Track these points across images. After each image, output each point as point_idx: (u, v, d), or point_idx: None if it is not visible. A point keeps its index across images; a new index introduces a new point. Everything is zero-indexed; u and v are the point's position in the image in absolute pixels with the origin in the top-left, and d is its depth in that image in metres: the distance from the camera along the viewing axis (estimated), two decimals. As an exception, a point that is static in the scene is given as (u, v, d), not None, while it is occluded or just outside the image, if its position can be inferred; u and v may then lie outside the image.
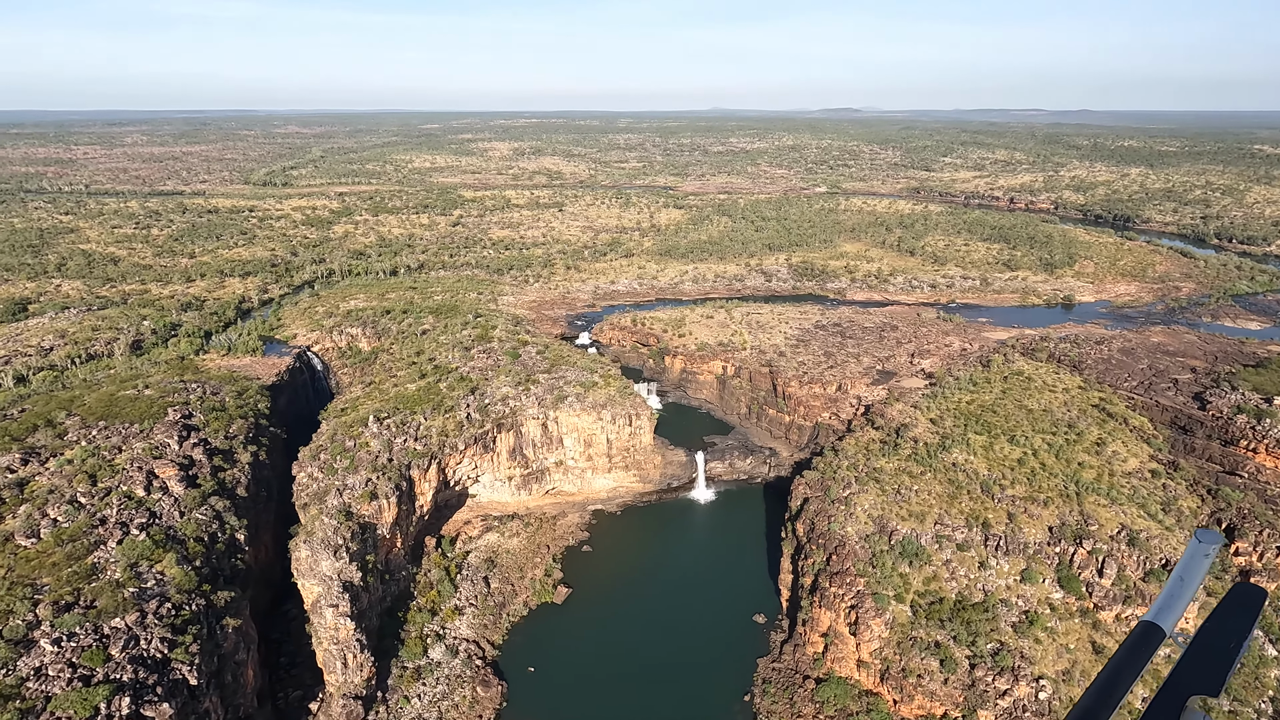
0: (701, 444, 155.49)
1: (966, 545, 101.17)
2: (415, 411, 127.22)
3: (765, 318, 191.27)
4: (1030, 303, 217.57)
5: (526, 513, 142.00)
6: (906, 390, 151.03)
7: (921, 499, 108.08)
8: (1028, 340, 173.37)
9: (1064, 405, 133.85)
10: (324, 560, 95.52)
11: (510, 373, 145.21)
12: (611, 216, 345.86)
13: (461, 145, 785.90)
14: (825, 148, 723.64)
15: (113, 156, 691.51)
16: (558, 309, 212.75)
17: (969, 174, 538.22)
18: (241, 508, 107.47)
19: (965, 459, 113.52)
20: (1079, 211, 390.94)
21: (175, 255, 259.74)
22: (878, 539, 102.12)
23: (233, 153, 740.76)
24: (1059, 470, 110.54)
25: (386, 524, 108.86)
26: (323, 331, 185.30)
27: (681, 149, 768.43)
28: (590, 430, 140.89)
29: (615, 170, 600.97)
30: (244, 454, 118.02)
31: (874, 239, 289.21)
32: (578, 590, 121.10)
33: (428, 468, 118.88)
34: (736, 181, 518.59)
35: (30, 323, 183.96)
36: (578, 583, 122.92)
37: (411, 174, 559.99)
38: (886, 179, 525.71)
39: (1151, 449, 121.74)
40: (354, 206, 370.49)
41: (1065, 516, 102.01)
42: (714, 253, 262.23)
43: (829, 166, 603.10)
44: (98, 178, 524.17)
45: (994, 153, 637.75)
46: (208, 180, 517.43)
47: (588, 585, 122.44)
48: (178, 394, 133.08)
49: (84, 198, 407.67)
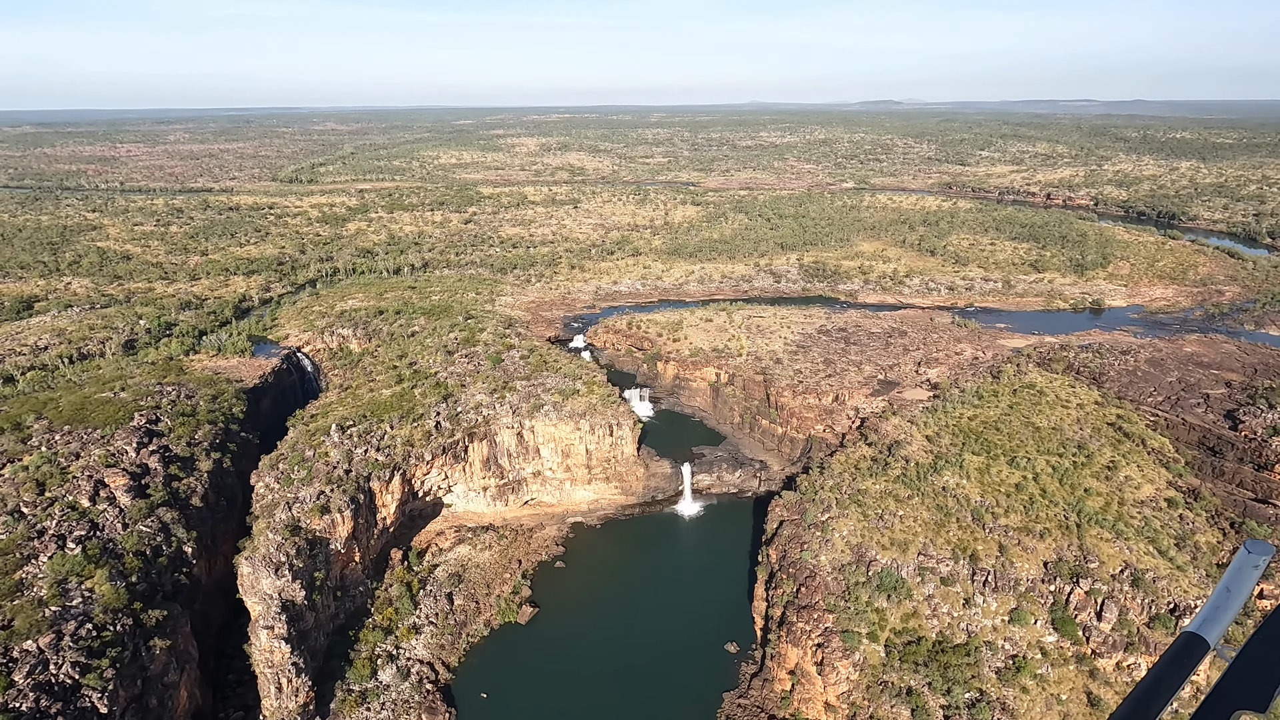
0: (690, 454, 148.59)
1: (951, 579, 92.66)
2: (382, 419, 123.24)
3: (767, 321, 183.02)
4: (1055, 307, 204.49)
5: (503, 524, 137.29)
6: (907, 402, 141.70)
7: (906, 526, 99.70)
8: (1046, 349, 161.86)
9: (1076, 423, 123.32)
10: (264, 578, 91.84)
11: (488, 379, 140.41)
12: (626, 214, 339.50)
13: (490, 141, 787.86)
14: (857, 141, 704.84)
15: (153, 154, 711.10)
16: (556, 310, 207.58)
17: (1006, 168, 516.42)
18: (194, 518, 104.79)
19: (957, 483, 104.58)
20: (1120, 208, 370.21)
21: (188, 253, 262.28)
22: (854, 569, 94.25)
23: (267, 150, 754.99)
24: (1061, 498, 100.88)
25: (341, 538, 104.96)
26: (314, 332, 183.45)
27: (710, 144, 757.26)
28: (568, 440, 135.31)
29: (640, 166, 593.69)
30: (206, 461, 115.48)
31: (894, 237, 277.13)
32: (544, 610, 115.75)
33: (390, 479, 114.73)
34: (761, 177, 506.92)
35: (32, 321, 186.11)
36: (546, 601, 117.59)
37: (435, 170, 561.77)
38: (918, 174, 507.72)
39: (1170, 474, 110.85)
40: (371, 203, 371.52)
41: (1063, 551, 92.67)
42: (723, 252, 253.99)
43: (859, 161, 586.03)
44: (134, 175, 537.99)
45: (1034, 146, 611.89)
46: (237, 177, 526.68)
47: (555, 605, 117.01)
48: (151, 397, 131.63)
49: (114, 195, 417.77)
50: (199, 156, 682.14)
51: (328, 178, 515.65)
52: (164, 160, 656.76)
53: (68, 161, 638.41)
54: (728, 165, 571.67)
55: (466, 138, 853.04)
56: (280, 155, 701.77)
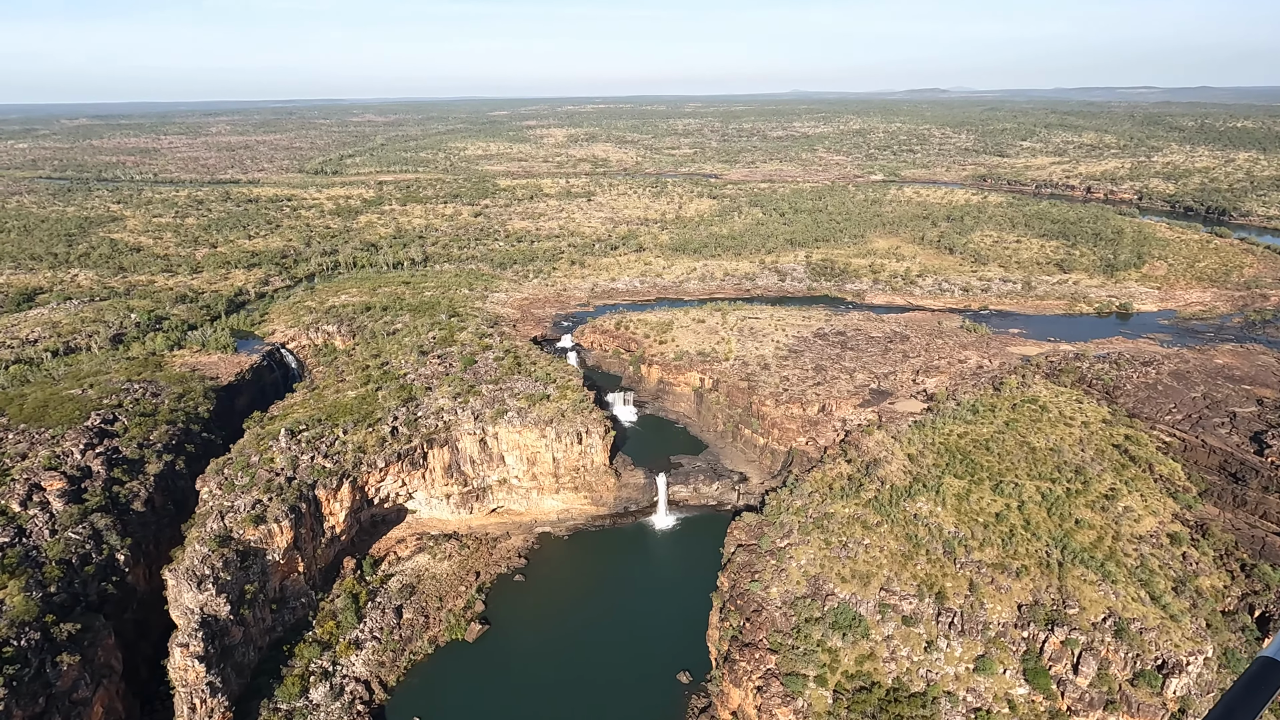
0: (667, 464, 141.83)
1: (914, 619, 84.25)
2: (337, 424, 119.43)
3: (761, 323, 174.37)
4: (1078, 311, 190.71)
5: (468, 532, 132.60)
6: (898, 415, 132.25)
7: (871, 557, 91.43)
8: (1058, 358, 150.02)
9: (1078, 444, 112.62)
10: (185, 593, 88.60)
11: (455, 382, 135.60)
12: (638, 207, 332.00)
13: (519, 132, 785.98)
14: (893, 132, 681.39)
15: (193, 146, 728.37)
16: (548, 308, 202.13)
17: (1046, 160, 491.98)
18: (134, 524, 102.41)
19: (930, 510, 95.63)
20: (1166, 203, 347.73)
21: (198, 245, 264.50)
22: (808, 603, 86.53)
23: (302, 141, 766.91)
24: (1045, 530, 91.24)
25: (279, 549, 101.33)
26: (301, 328, 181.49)
27: (741, 134, 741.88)
28: (534, 448, 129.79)
29: (665, 157, 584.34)
30: (156, 464, 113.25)
31: (913, 234, 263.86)
32: (495, 627, 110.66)
33: (337, 487, 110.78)
34: (787, 169, 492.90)
35: (30, 313, 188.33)
36: (498, 618, 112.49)
37: (459, 162, 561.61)
38: (951, 165, 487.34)
39: (1178, 505, 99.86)
40: (387, 195, 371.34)
41: (1040, 592, 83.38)
42: (730, 248, 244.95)
43: (892, 152, 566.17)
44: (169, 167, 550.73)
45: (1080, 136, 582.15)
46: (266, 169, 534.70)
47: (507, 622, 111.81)
48: (116, 395, 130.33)
49: (143, 187, 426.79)
50: (235, 149, 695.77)
51: (352, 169, 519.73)
52: (201, 152, 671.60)
53: (111, 153, 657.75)
54: (754, 157, 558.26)
55: (497, 129, 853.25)
56: (313, 147, 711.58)
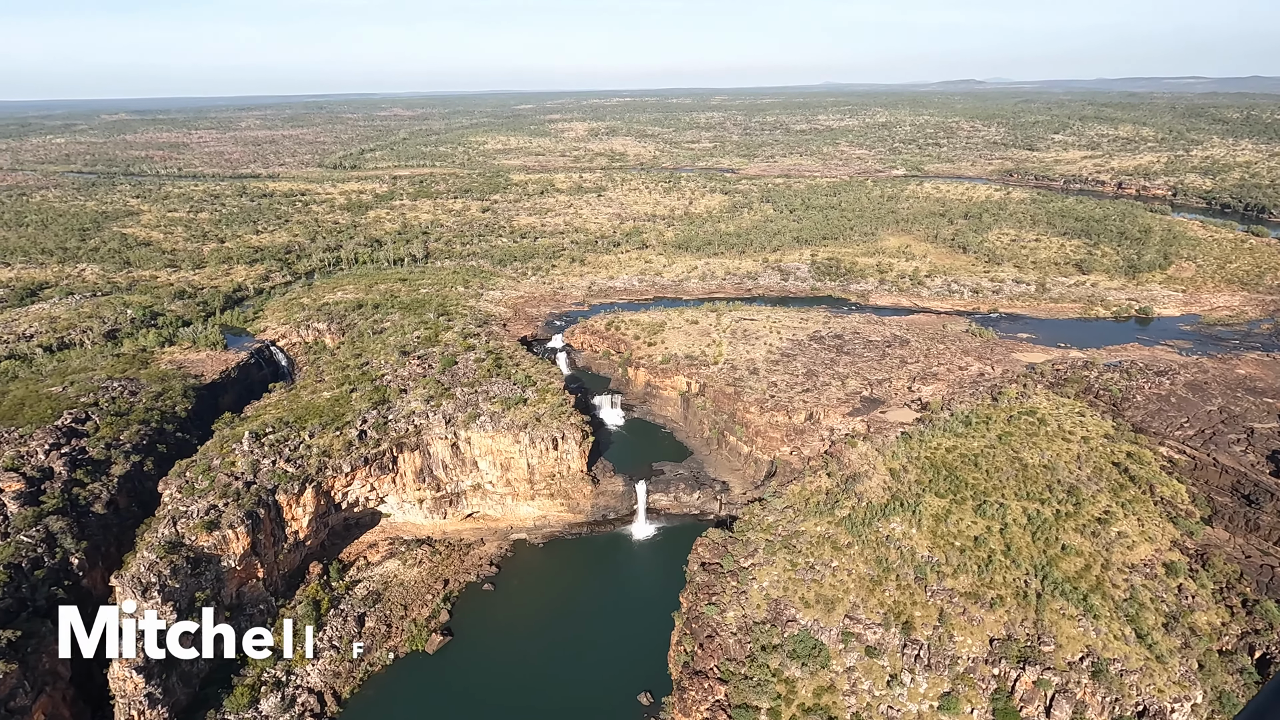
0: (649, 470, 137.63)
1: (879, 650, 78.97)
2: (303, 427, 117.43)
3: (757, 325, 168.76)
4: (1094, 315, 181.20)
5: (443, 537, 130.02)
6: (888, 425, 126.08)
7: (838, 580, 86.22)
8: (1065, 366, 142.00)
9: (1074, 461, 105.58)
10: (128, 600, 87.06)
11: (430, 384, 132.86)
12: (647, 203, 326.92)
13: (540, 126, 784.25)
14: (920, 125, 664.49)
15: (221, 141, 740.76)
16: (543, 306, 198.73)
17: (1078, 154, 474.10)
18: (93, 527, 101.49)
19: (905, 531, 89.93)
20: (1202, 199, 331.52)
21: (206, 240, 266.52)
22: (767, 629, 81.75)
23: (327, 136, 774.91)
24: (1026, 557, 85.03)
25: (235, 555, 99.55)
26: (292, 325, 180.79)
27: (764, 128, 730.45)
28: (508, 453, 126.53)
29: (684, 151, 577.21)
30: (122, 465, 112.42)
31: (926, 231, 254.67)
32: (458, 638, 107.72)
33: (299, 492, 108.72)
34: (806, 163, 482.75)
35: (33, 308, 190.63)
36: (462, 629, 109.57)
37: (478, 156, 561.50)
38: (978, 160, 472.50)
39: (1178, 530, 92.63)
40: (400, 190, 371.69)
41: (1015, 626, 77.43)
42: (734, 246, 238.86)
43: (917, 146, 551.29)
44: (194, 162, 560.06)
45: (1117, 129, 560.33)
46: (288, 163, 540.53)
47: (471, 634, 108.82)
48: (94, 393, 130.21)
49: (165, 181, 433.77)
50: (261, 143, 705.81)
51: (370, 164, 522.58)
52: (228, 147, 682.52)
53: (142, 148, 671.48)
54: (774, 151, 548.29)
55: (520, 123, 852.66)
56: (336, 141, 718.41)
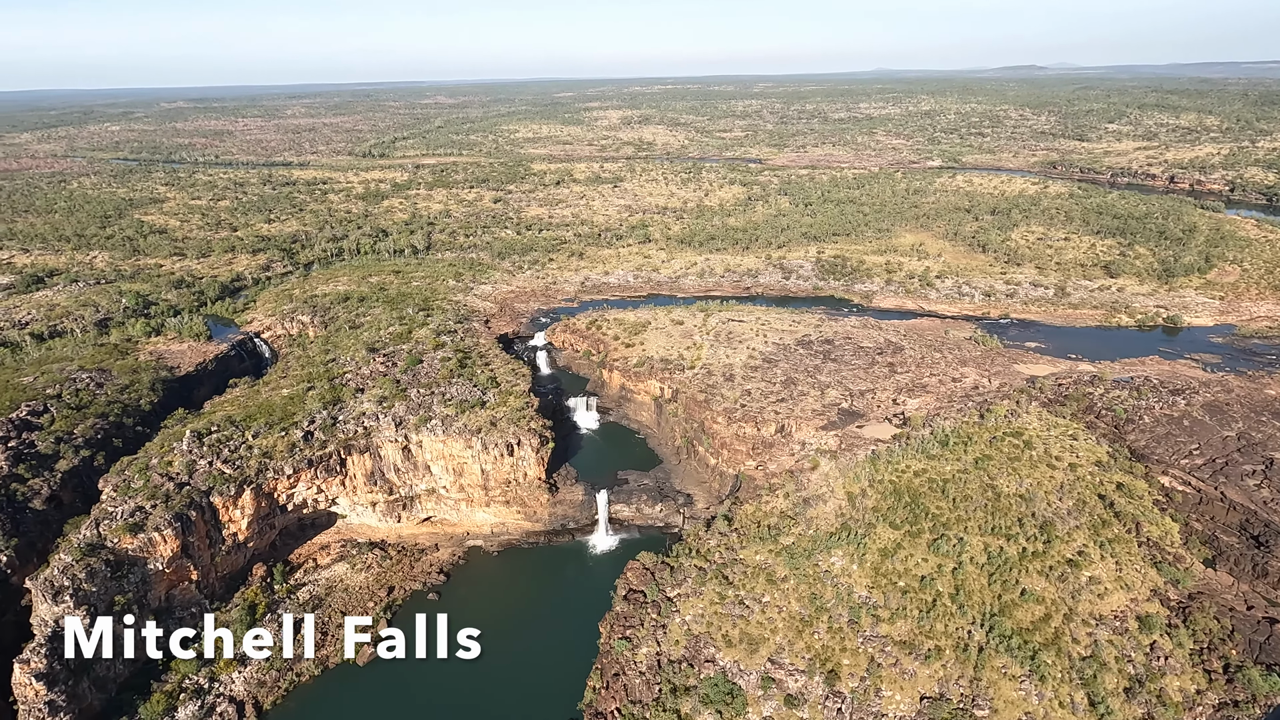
0: (613, 479, 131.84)
1: (799, 699, 71.86)
2: (248, 427, 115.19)
3: (743, 327, 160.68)
4: (1116, 323, 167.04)
5: (397, 541, 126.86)
6: (863, 441, 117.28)
7: (766, 618, 79.19)
8: (1070, 380, 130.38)
9: (1056, 491, 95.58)
10: (40, 604, 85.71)
11: (387, 384, 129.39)
12: (662, 195, 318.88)
13: (575, 114, 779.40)
14: (965, 113, 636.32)
15: (264, 129, 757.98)
16: (531, 302, 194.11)
17: (1131, 145, 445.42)
18: (28, 523, 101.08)
19: (844, 567, 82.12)
20: (1262, 195, 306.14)
21: (219, 228, 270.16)
22: (680, 670, 75.42)
23: (365, 124, 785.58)
24: (977, 603, 76.44)
25: (163, 558, 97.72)
26: (278, 317, 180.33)
27: (801, 116, 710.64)
28: (460, 458, 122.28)
29: (714, 140, 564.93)
30: (69, 460, 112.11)
31: (947, 228, 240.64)
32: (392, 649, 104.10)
33: (236, 494, 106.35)
34: (837, 154, 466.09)
35: (36, 295, 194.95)
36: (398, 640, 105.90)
37: (505, 145, 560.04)
38: (1020, 151, 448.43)
39: (1161, 577, 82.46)
40: (419, 180, 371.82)
41: (949, 683, 69.32)
42: (739, 242, 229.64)
43: (959, 136, 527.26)
44: (232, 149, 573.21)
45: (1178, 118, 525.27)
46: (320, 151, 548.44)
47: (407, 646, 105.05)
48: (60, 384, 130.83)
49: (199, 169, 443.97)
50: (300, 131, 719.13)
51: (399, 152, 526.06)
52: (269, 134, 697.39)
53: (188, 135, 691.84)
54: (806, 140, 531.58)
55: (556, 111, 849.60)
56: (373, 129, 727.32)
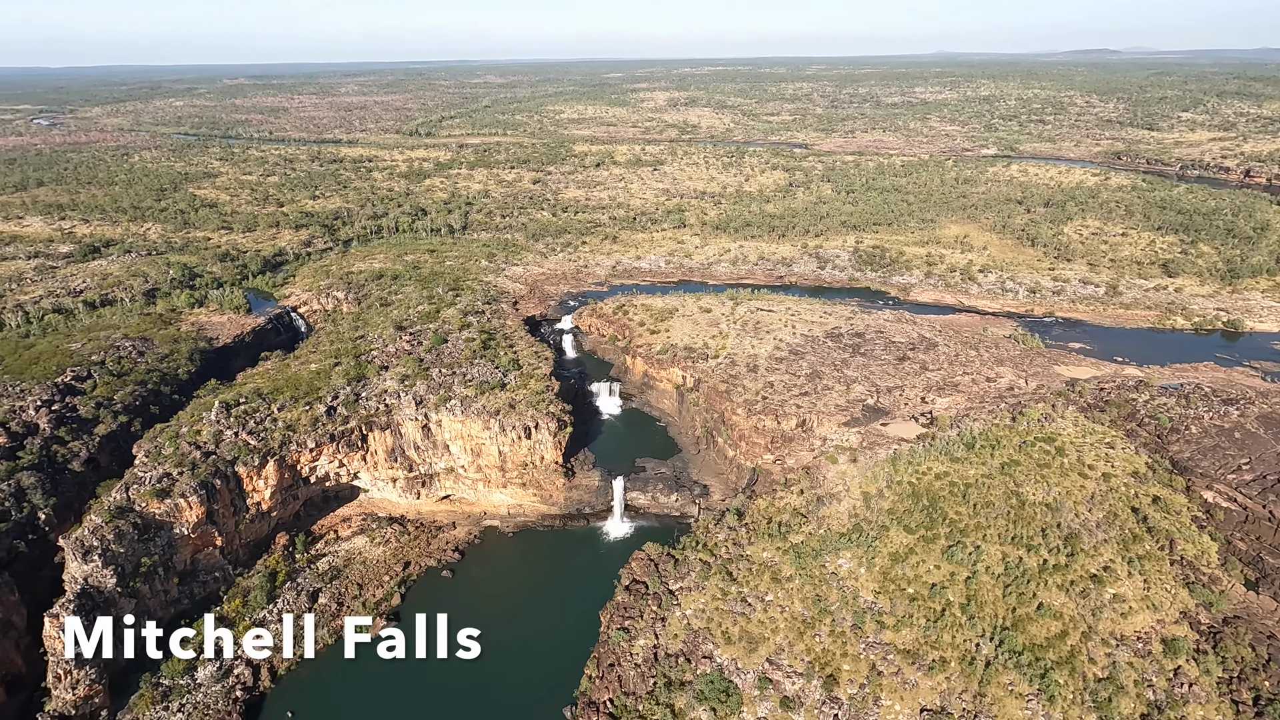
0: (630, 466, 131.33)
1: (795, 702, 70.42)
2: (275, 400, 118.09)
3: (772, 317, 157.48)
4: (1171, 326, 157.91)
5: (416, 517, 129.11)
6: (886, 439, 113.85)
7: (768, 618, 77.69)
8: (1114, 385, 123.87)
9: (1086, 501, 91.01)
10: (71, 562, 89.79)
11: (410, 363, 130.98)
12: (701, 179, 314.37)
13: (621, 96, 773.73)
14: (1027, 99, 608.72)
15: (318, 106, 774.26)
16: (561, 285, 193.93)
17: (1206, 135, 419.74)
18: (67, 484, 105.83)
19: (851, 570, 79.84)
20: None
21: (266, 204, 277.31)
22: (677, 664, 74.69)
23: (415, 102, 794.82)
24: (989, 615, 73.45)
25: (189, 523, 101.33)
26: (315, 293, 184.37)
27: (852, 100, 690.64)
28: (479, 439, 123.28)
29: (761, 123, 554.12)
30: (109, 424, 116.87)
31: (995, 220, 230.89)
32: (403, 625, 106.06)
33: (260, 465, 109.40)
34: (887, 139, 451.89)
35: (93, 264, 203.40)
36: (409, 616, 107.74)
37: (550, 125, 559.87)
38: (1083, 140, 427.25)
39: (1193, 598, 77.83)
40: (461, 159, 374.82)
41: (951, 697, 66.87)
42: (775, 229, 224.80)
43: (1018, 123, 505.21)
44: (285, 126, 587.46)
45: (1260, 106, 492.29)
46: (369, 129, 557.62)
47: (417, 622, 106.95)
48: (104, 351, 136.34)
49: (253, 144, 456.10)
50: (352, 108, 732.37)
51: (445, 131, 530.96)
52: (322, 112, 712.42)
53: (245, 112, 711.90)
54: (855, 125, 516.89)
55: (602, 91, 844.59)
56: (421, 108, 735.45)
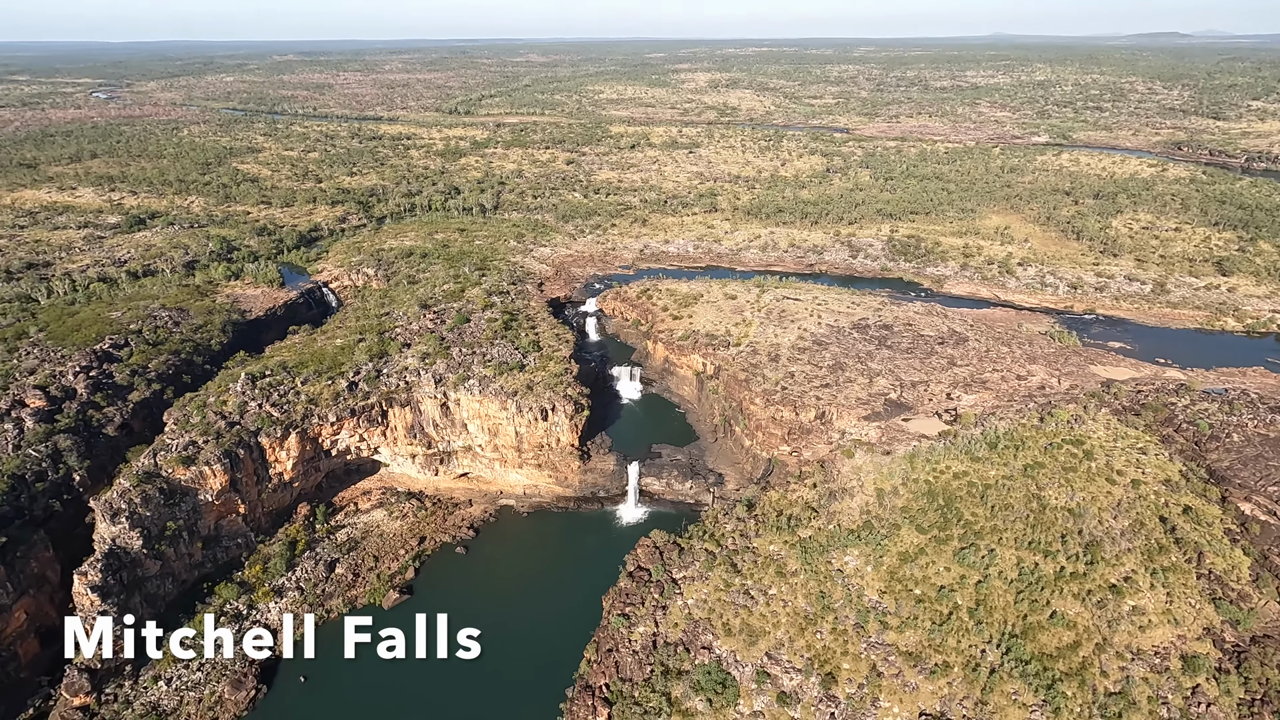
0: (646, 451, 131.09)
1: (792, 698, 69.70)
2: (298, 373, 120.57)
3: (798, 306, 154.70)
4: (1220, 327, 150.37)
5: (434, 493, 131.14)
6: (906, 435, 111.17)
7: (770, 611, 76.86)
8: (1153, 387, 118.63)
9: (1112, 508, 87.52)
10: (100, 523, 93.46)
11: (431, 341, 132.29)
12: (737, 163, 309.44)
13: (661, 76, 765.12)
14: (1084, 84, 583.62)
15: (361, 83, 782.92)
16: (588, 267, 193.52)
17: (1277, 125, 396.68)
18: (101, 447, 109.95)
19: (858, 567, 78.31)
20: None
21: (305, 179, 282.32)
22: (675, 653, 74.51)
23: (456, 81, 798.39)
24: (998, 620, 71.37)
25: (213, 490, 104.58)
26: (346, 268, 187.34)
27: (899, 83, 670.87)
28: (496, 419, 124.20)
29: (803, 107, 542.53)
30: (143, 391, 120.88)
31: (1039, 211, 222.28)
32: (415, 599, 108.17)
33: (283, 437, 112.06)
34: (932, 125, 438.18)
35: (137, 235, 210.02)
36: (422, 590, 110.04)
37: (588, 105, 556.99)
38: (1142, 129, 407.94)
39: (1219, 614, 74.42)
40: (497, 138, 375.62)
41: (952, 703, 65.33)
42: (808, 215, 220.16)
43: (1073, 109, 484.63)
44: (329, 102, 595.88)
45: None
46: (410, 106, 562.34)
47: (427, 597, 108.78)
48: (141, 320, 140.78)
49: (297, 120, 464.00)
50: (395, 85, 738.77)
51: (484, 110, 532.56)
52: (366, 89, 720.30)
53: (292, 88, 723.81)
54: (900, 110, 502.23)
55: (643, 72, 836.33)
56: (464, 86, 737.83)
